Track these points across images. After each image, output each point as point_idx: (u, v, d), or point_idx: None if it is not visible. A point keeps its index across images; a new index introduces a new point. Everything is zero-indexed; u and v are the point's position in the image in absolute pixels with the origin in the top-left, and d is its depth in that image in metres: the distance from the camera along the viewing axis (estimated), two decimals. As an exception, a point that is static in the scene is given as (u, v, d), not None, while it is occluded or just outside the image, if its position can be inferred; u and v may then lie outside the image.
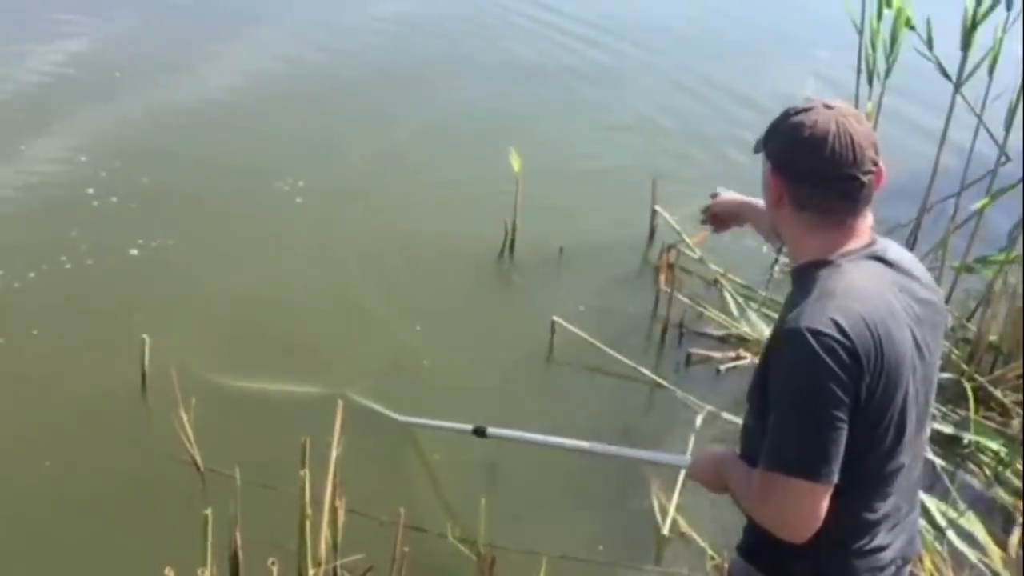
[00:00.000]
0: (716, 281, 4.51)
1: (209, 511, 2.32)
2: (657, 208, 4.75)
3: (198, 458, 3.19)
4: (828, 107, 1.71)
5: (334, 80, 6.33)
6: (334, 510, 2.62)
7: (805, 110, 1.71)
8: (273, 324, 4.04)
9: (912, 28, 4.25)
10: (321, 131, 5.64)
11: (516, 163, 4.57)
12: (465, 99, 6.21)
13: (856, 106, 5.07)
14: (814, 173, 1.69)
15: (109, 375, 3.61)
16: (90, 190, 4.77)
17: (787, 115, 1.75)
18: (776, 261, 4.57)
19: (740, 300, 4.39)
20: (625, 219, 4.95)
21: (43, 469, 3.20)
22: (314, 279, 4.35)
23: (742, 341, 4.17)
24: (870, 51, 4.53)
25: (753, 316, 4.29)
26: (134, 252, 4.35)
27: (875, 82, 4.51)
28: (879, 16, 4.32)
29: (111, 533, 3.01)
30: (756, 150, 1.82)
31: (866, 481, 1.72)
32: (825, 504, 1.64)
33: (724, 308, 4.35)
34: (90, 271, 4.20)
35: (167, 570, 2.19)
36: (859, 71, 5.01)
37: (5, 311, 3.91)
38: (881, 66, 4.43)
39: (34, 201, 4.68)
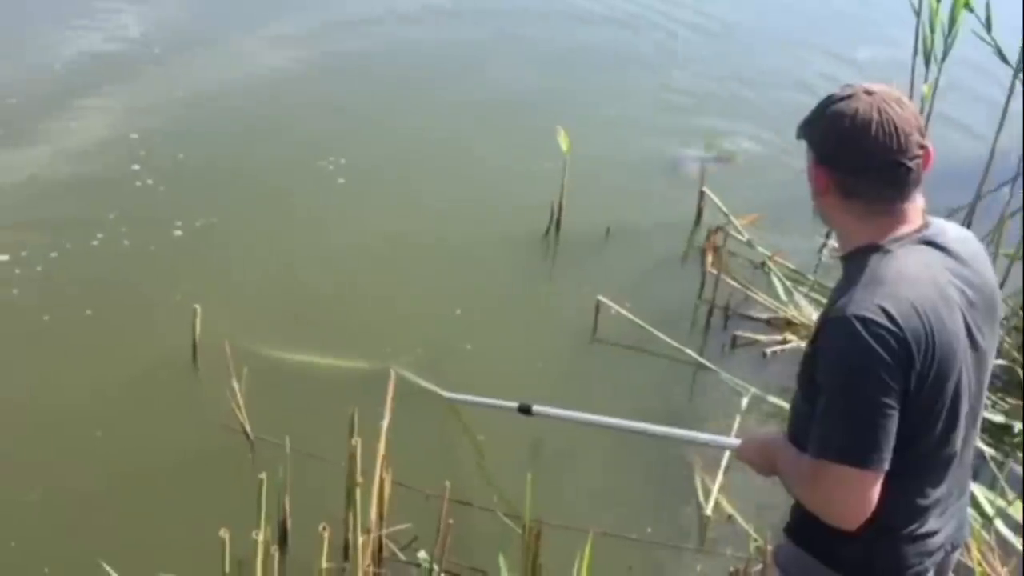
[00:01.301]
0: (763, 264, 4.48)
1: (264, 476, 2.37)
2: (705, 190, 4.72)
3: (248, 427, 3.25)
4: (869, 92, 1.68)
5: (379, 59, 6.32)
6: (382, 480, 2.67)
7: (845, 97, 1.68)
8: (317, 300, 4.07)
9: (971, 10, 4.17)
10: (365, 110, 5.65)
11: (564, 142, 4.56)
12: (514, 78, 6.16)
13: (911, 88, 5.00)
14: (858, 163, 1.66)
15: (158, 347, 3.69)
16: (135, 167, 4.81)
17: (827, 103, 1.72)
18: (824, 245, 4.53)
19: (788, 283, 4.36)
20: (672, 200, 4.93)
21: (94, 439, 3.28)
22: (359, 257, 4.38)
23: (789, 324, 4.14)
24: (927, 32, 4.45)
25: (801, 300, 4.26)
26: (178, 230, 4.39)
27: (932, 64, 4.43)
28: (938, -3, 4.24)
29: (162, 499, 3.09)
30: (799, 136, 1.79)
31: (918, 466, 1.72)
32: (876, 491, 1.63)
33: (771, 291, 4.33)
34: (135, 247, 4.25)
35: (222, 531, 2.24)
36: (915, 53, 4.92)
37: (53, 286, 3.97)
38: (939, 48, 4.35)
39: (78, 178, 4.72)
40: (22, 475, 3.10)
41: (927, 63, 4.60)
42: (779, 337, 4.08)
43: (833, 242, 4.21)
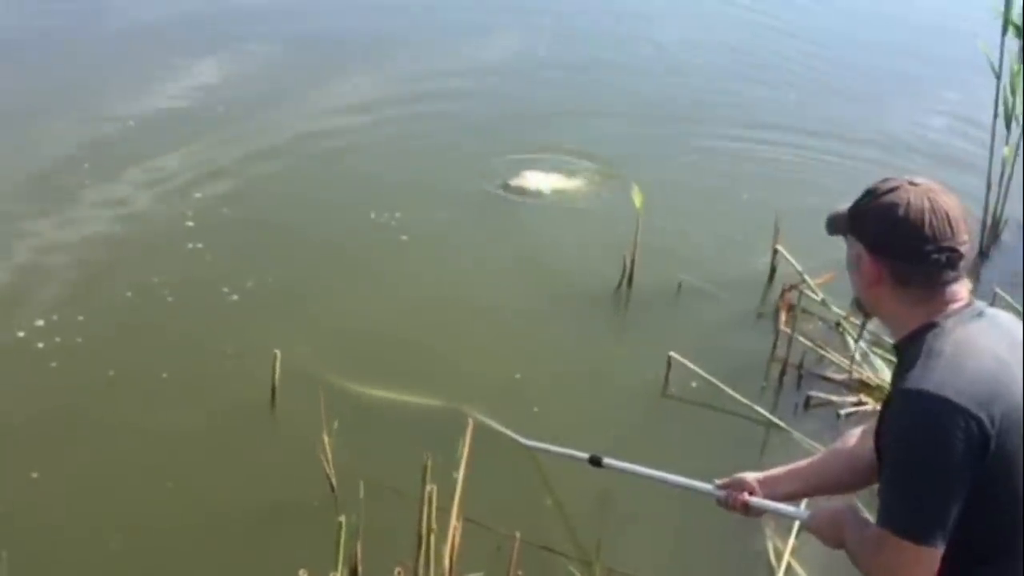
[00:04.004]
0: (839, 324, 4.44)
1: (343, 519, 2.43)
2: (779, 247, 4.71)
3: (333, 477, 3.28)
4: (914, 184, 1.75)
5: (444, 115, 6.33)
6: (455, 528, 2.70)
7: (892, 189, 1.75)
8: (387, 351, 4.10)
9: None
10: (422, 166, 5.61)
11: (637, 198, 4.60)
12: (586, 131, 6.20)
13: (992, 149, 4.96)
14: (915, 250, 1.71)
15: (234, 393, 3.76)
16: (190, 223, 4.85)
17: (874, 195, 1.77)
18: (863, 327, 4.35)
19: (864, 344, 4.30)
20: (746, 257, 4.92)
21: (170, 486, 3.33)
22: (428, 312, 4.39)
23: (864, 386, 4.08)
24: (1009, 95, 4.42)
25: (877, 361, 4.20)
26: (238, 286, 4.38)
27: (1014, 126, 4.39)
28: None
29: (241, 541, 3.16)
30: (833, 231, 1.85)
31: (1011, 551, 1.69)
32: (934, 566, 1.63)
33: (846, 352, 4.27)
34: (196, 301, 4.30)
35: (301, 572, 2.30)
36: (995, 115, 4.90)
37: (121, 340, 4.03)
38: (1020, 110, 4.32)
39: (135, 236, 4.77)
40: (103, 524, 3.18)
41: (1008, 125, 4.56)
42: (854, 399, 4.02)
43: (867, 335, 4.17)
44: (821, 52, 7.92)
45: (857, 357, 4.24)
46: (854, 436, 2.06)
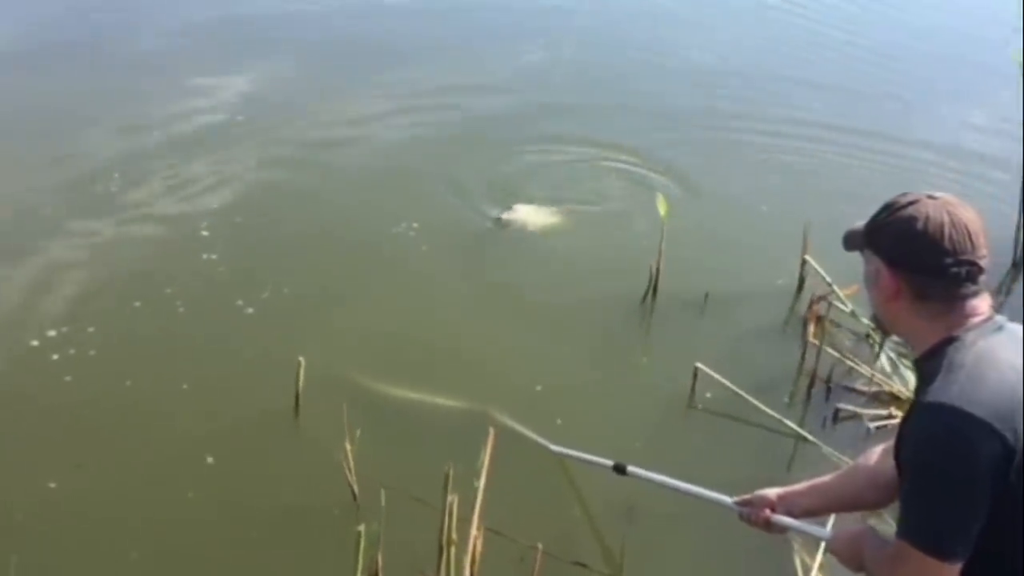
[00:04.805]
0: (868, 336, 4.37)
1: (362, 528, 2.41)
2: (807, 258, 4.65)
3: (355, 486, 3.26)
4: (932, 198, 1.74)
5: (464, 122, 6.33)
6: (475, 539, 2.67)
7: (911, 203, 1.74)
8: (409, 360, 4.09)
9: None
10: (454, 175, 5.59)
11: (662, 208, 4.56)
12: (611, 140, 6.14)
13: (1025, 158, 4.89)
14: (935, 264, 1.70)
15: (256, 402, 3.75)
16: (205, 233, 4.85)
17: (892, 210, 1.77)
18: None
19: (893, 356, 4.23)
20: (774, 268, 4.85)
21: (189, 496, 3.34)
22: (449, 322, 4.37)
23: (894, 399, 4.02)
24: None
25: (906, 373, 4.13)
26: (256, 297, 4.36)
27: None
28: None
29: (261, 549, 3.16)
30: (850, 247, 1.84)
31: None
32: None
33: (875, 364, 4.21)
34: (215, 314, 4.28)
35: (320, 582, 2.28)
36: (1027, 123, 4.83)
37: (136, 354, 4.01)
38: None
39: (150, 246, 4.78)
40: (122, 534, 3.18)
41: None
42: (884, 412, 3.96)
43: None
44: (858, 53, 7.82)
45: (887, 369, 4.18)
46: (876, 453, 2.05)
